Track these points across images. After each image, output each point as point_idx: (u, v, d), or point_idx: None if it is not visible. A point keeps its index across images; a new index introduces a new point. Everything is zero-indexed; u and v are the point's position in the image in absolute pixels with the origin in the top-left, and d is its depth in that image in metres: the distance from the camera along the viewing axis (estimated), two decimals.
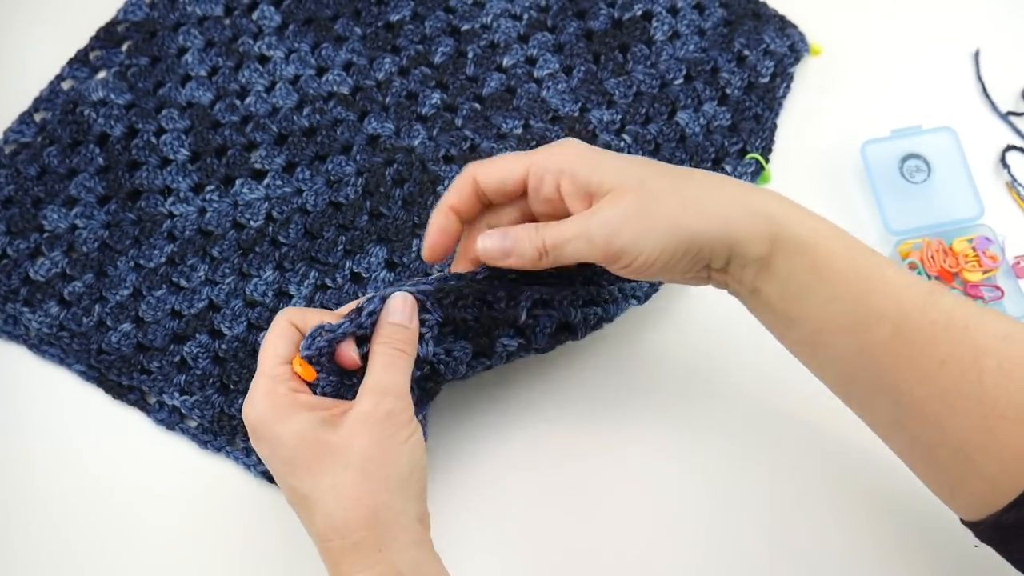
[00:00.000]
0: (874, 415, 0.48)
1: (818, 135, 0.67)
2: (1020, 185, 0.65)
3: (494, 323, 0.52)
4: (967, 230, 0.63)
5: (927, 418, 0.45)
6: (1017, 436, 0.43)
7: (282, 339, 0.49)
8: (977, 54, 0.69)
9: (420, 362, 0.50)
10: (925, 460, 0.47)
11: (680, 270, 0.48)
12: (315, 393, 0.49)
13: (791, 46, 0.67)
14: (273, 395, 0.47)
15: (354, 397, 0.48)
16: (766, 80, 0.66)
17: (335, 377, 0.49)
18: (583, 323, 0.54)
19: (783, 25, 0.68)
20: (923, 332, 0.44)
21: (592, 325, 0.55)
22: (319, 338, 0.48)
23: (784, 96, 0.66)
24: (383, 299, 0.49)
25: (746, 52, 0.66)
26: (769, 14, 0.68)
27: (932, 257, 0.61)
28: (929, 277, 0.61)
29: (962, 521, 0.47)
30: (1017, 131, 0.67)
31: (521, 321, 0.52)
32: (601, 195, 0.47)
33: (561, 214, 0.49)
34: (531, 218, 0.51)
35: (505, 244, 0.49)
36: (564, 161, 0.48)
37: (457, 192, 0.51)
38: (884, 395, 0.46)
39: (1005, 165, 0.66)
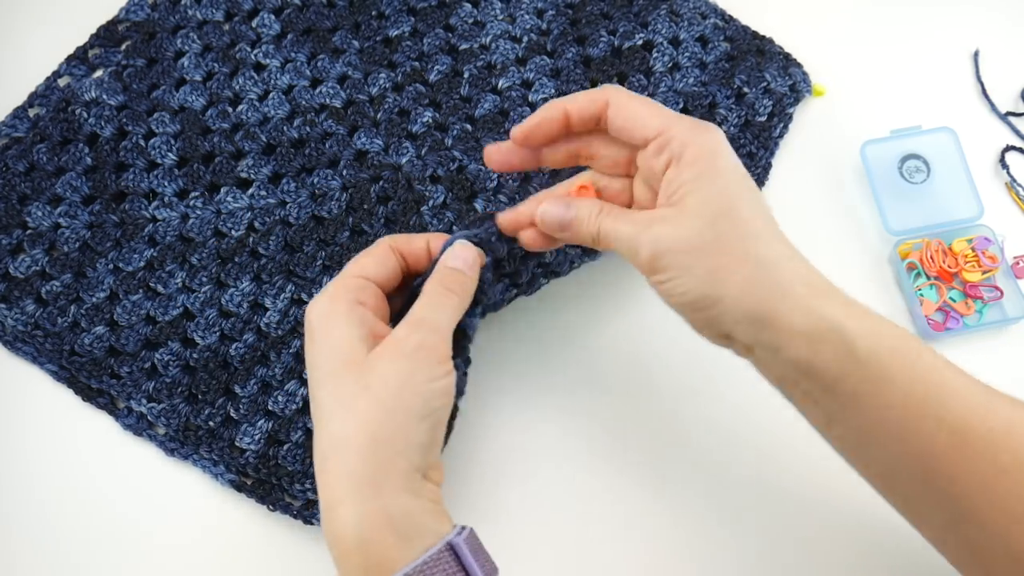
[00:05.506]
0: (921, 516, 0.46)
1: (818, 135, 0.67)
2: (1019, 185, 0.65)
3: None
4: (967, 230, 0.63)
5: (986, 526, 0.42)
6: None
7: (373, 259, 0.50)
8: (977, 55, 0.69)
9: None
10: (977, 564, 0.44)
11: (698, 321, 0.46)
12: None
13: (792, 86, 0.66)
14: (335, 299, 0.47)
15: None
16: (763, 119, 0.64)
17: None
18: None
19: (786, 64, 0.67)
20: (983, 440, 0.42)
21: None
22: None
23: (781, 136, 0.65)
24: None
25: (745, 89, 0.65)
26: (774, 51, 0.67)
27: (932, 257, 0.62)
28: (928, 277, 0.62)
29: None
30: (1016, 131, 0.67)
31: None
32: (675, 202, 0.45)
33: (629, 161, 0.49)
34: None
35: (567, 216, 0.49)
36: (685, 154, 0.45)
37: (583, 103, 0.49)
38: (937, 500, 0.44)
39: (1004, 165, 0.66)
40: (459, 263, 0.49)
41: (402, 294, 0.52)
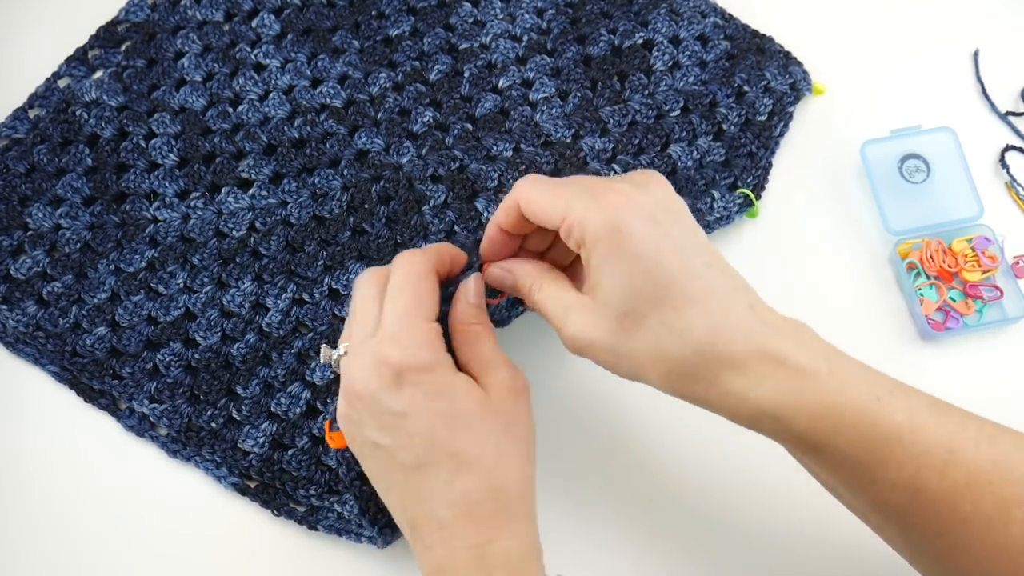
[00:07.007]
0: (888, 542, 0.47)
1: (818, 135, 0.67)
2: (1019, 185, 0.65)
3: None
4: (966, 230, 0.63)
5: (946, 563, 0.43)
6: None
7: (434, 293, 0.47)
8: (976, 54, 0.69)
9: None
10: None
11: None
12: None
13: (792, 84, 0.66)
14: (440, 345, 0.45)
15: None
16: (763, 118, 0.64)
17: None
18: None
19: (787, 62, 0.67)
20: (941, 494, 0.42)
21: None
22: None
23: (781, 135, 0.65)
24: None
25: (746, 88, 0.65)
26: (774, 50, 0.67)
27: (932, 257, 0.62)
28: (928, 277, 0.61)
29: None
30: (1016, 131, 0.67)
31: None
32: (590, 288, 0.45)
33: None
34: None
35: (507, 281, 0.50)
36: (587, 235, 0.43)
37: (505, 214, 0.48)
38: (898, 536, 0.45)
39: (1004, 165, 0.66)
40: (478, 299, 0.49)
41: None
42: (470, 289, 0.49)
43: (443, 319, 0.49)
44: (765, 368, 0.42)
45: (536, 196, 0.46)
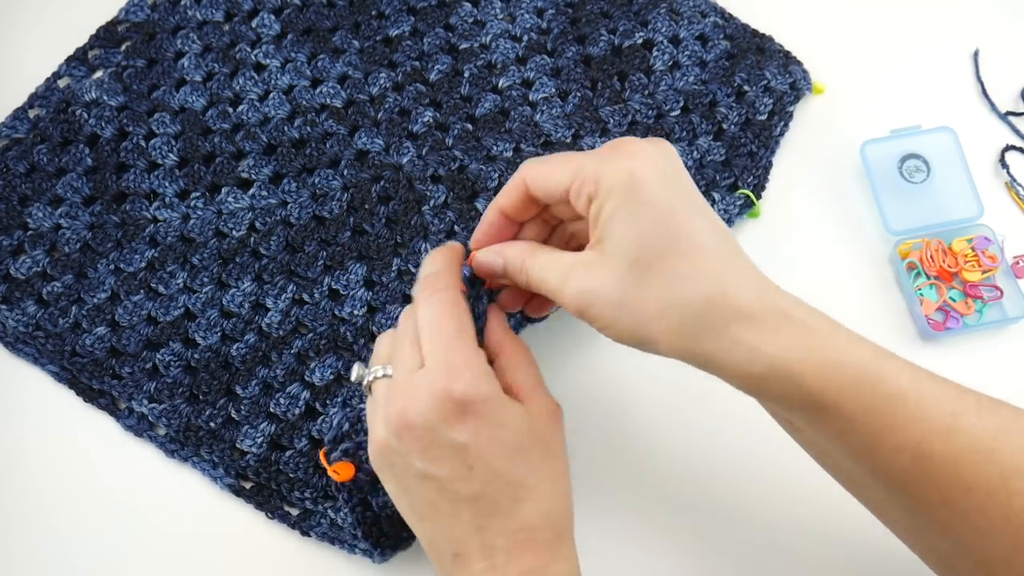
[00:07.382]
0: (889, 519, 0.46)
1: (818, 135, 0.67)
2: (1019, 185, 0.65)
3: None
4: (966, 230, 0.63)
5: (947, 535, 0.43)
6: None
7: (468, 315, 0.46)
8: (976, 54, 0.69)
9: None
10: (942, 564, 0.46)
11: (644, 350, 0.45)
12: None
13: (792, 84, 0.66)
14: (491, 377, 0.45)
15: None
16: (763, 118, 0.64)
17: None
18: None
19: (787, 62, 0.67)
20: (946, 461, 0.41)
21: None
22: (347, 442, 0.50)
23: (782, 135, 0.65)
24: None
25: (746, 88, 0.65)
26: (774, 49, 0.67)
27: (931, 257, 0.62)
28: (928, 277, 0.61)
29: None
30: (1016, 131, 0.67)
31: None
32: (597, 241, 0.44)
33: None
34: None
35: (497, 264, 0.48)
36: (601, 186, 0.43)
37: (507, 195, 0.48)
38: (901, 509, 0.44)
39: (1004, 165, 0.66)
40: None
41: None
42: (500, 312, 0.50)
43: None
44: (776, 320, 0.41)
45: (543, 168, 0.46)
